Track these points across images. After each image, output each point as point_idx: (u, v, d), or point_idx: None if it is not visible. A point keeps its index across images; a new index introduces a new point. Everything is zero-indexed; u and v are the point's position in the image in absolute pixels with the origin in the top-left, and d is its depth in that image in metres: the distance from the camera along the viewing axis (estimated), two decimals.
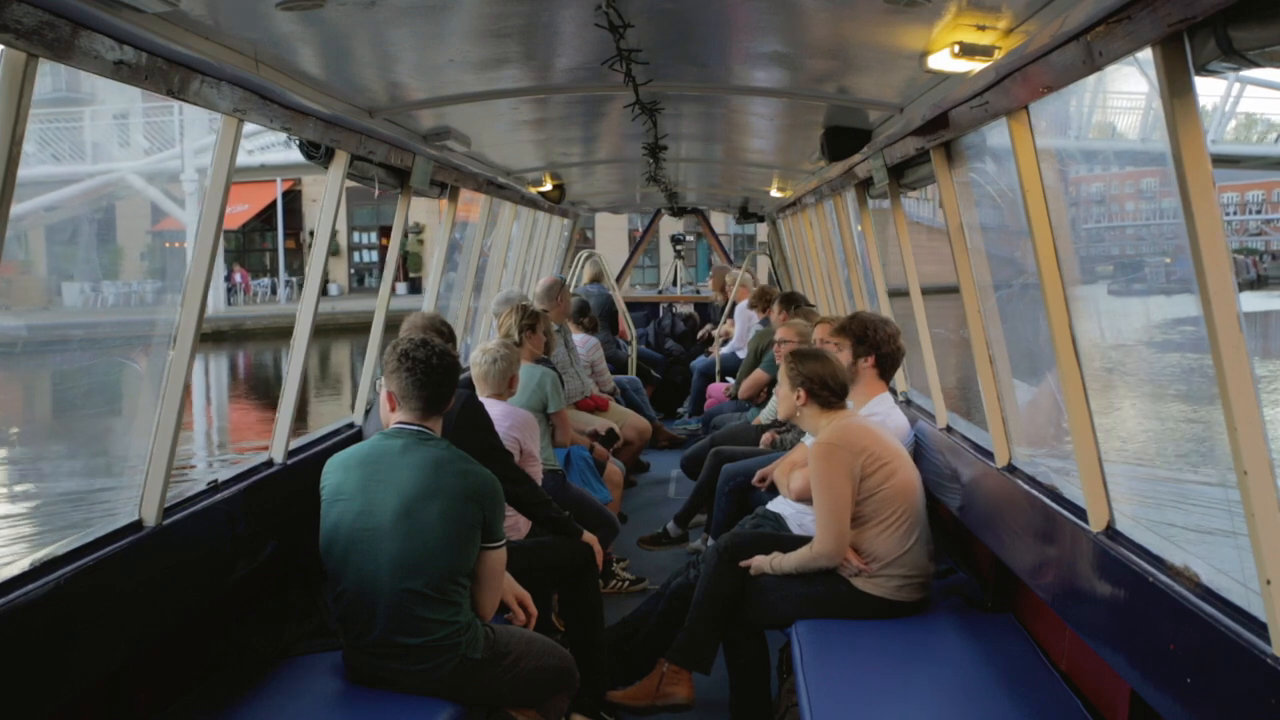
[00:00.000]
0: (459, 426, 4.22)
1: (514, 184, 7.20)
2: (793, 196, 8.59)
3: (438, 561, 3.29)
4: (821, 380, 4.22)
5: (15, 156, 2.37)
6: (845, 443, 4.08)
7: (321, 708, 3.35)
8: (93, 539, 2.98)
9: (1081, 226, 61.37)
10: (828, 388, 4.23)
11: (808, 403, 4.24)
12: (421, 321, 4.68)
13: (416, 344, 3.42)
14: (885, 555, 4.02)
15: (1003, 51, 2.89)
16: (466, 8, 2.96)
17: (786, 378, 4.29)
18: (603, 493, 5.98)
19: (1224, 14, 2.08)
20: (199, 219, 3.50)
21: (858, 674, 3.67)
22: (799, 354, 4.35)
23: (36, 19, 2.24)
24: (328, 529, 3.39)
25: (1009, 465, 4.03)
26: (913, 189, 5.29)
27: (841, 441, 4.08)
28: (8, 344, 24.91)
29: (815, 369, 4.24)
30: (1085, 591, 3.14)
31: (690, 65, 3.91)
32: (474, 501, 3.34)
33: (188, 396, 3.40)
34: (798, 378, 4.24)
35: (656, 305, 12.75)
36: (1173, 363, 20.37)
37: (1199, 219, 2.35)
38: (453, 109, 4.39)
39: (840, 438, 4.10)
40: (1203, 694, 2.47)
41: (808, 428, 4.32)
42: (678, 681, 4.16)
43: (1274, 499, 2.30)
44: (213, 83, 3.02)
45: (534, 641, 3.58)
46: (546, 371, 5.80)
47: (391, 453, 3.36)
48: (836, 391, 4.26)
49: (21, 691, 2.55)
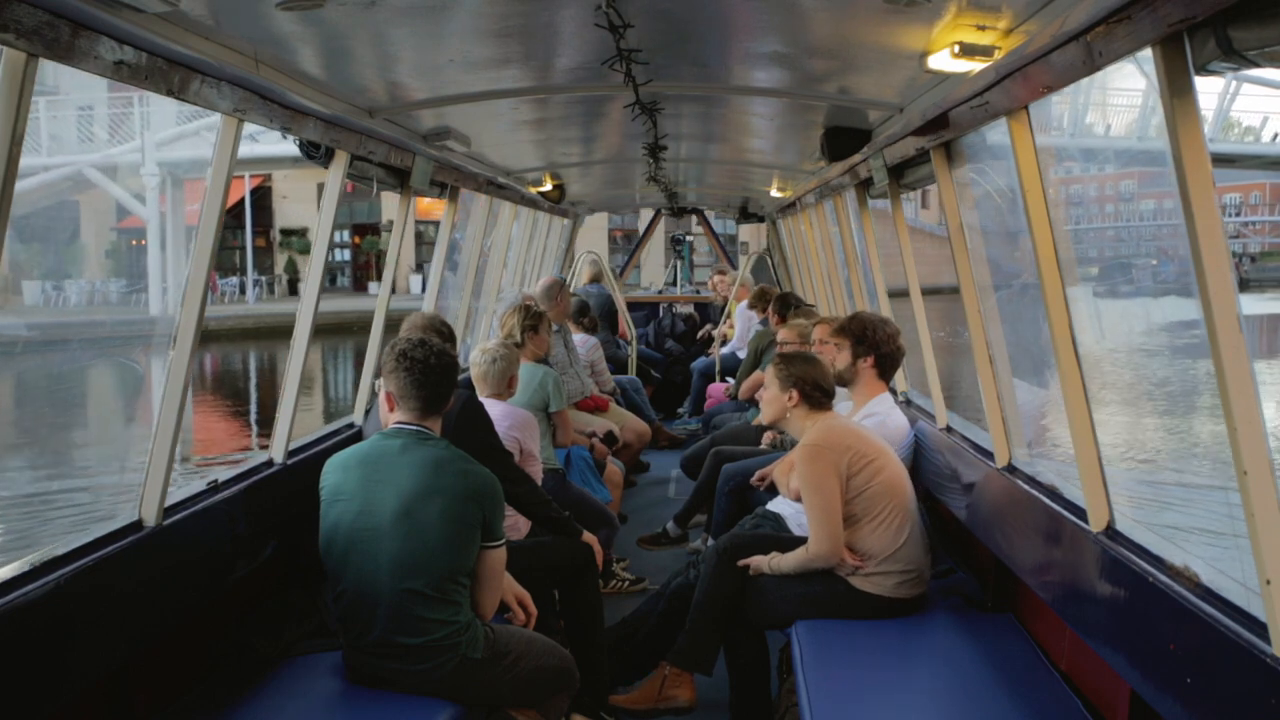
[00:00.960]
0: (459, 426, 4.22)
1: (514, 184, 7.20)
2: (792, 197, 8.59)
3: (438, 561, 3.28)
4: (814, 382, 4.26)
5: (15, 156, 2.37)
6: (830, 443, 4.10)
7: (321, 708, 3.35)
8: (93, 539, 2.98)
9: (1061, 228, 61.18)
10: (819, 389, 4.27)
11: (799, 404, 4.26)
12: (421, 322, 4.68)
13: (415, 343, 3.42)
14: (880, 552, 4.03)
15: (1003, 51, 2.89)
16: (467, 8, 2.96)
17: (776, 380, 4.31)
18: (603, 493, 5.98)
19: (1224, 14, 2.08)
20: (199, 218, 3.49)
21: (857, 674, 3.67)
22: (787, 357, 4.41)
23: (36, 19, 2.24)
24: (327, 529, 3.39)
25: (1009, 465, 4.03)
26: (913, 189, 5.29)
27: (826, 442, 4.11)
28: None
29: (806, 370, 4.28)
30: (1085, 591, 3.14)
31: (690, 65, 3.91)
32: (474, 501, 3.33)
33: (186, 397, 3.39)
34: (789, 379, 4.27)
35: (656, 305, 12.75)
36: (1157, 369, 20.12)
37: (1199, 219, 2.35)
38: (453, 109, 4.39)
39: (824, 438, 4.13)
40: (1203, 694, 2.47)
41: (794, 430, 4.33)
42: (680, 684, 4.16)
43: (1274, 499, 2.30)
44: (213, 83, 3.02)
45: (534, 641, 3.58)
46: (548, 371, 5.81)
47: (391, 452, 3.36)
48: (827, 393, 4.30)
49: (21, 691, 2.55)
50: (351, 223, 40.06)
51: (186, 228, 32.38)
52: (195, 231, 3.46)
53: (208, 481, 3.72)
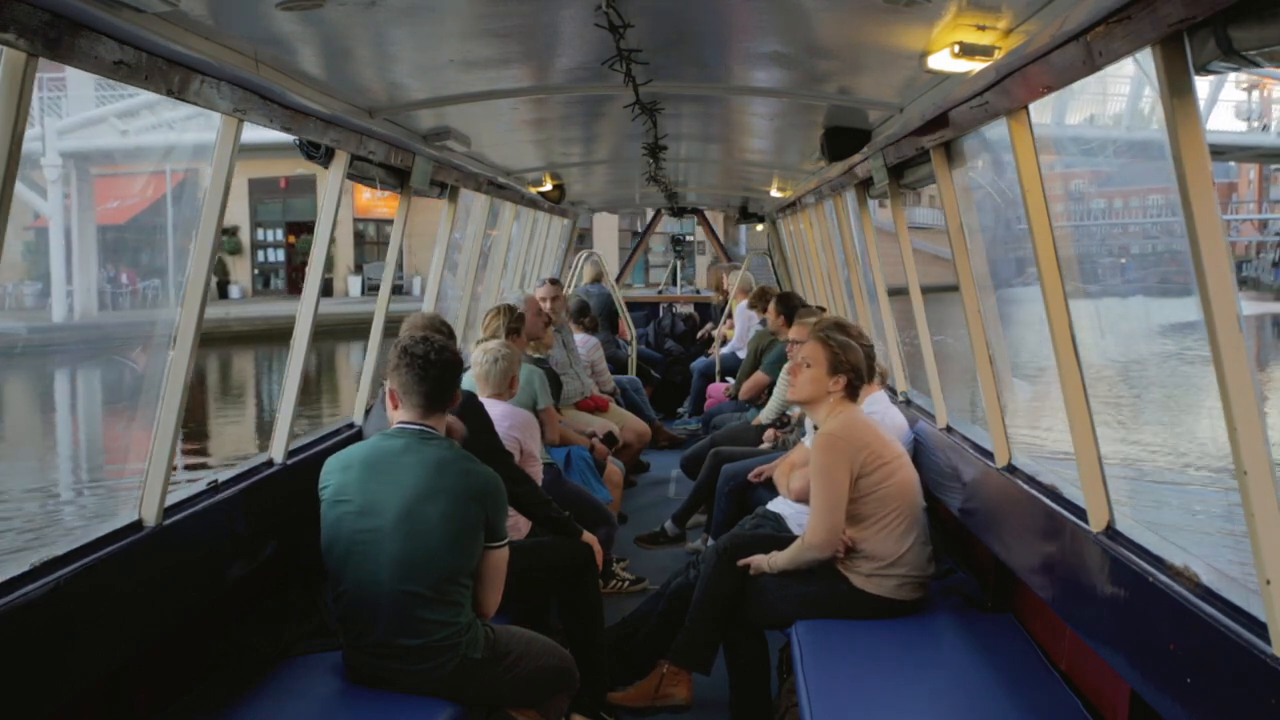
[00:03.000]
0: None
1: (514, 184, 7.21)
2: (793, 196, 8.59)
3: (439, 562, 3.28)
4: (859, 371, 4.19)
5: (15, 156, 2.37)
6: (848, 436, 4.06)
7: (321, 708, 3.35)
8: (93, 539, 2.98)
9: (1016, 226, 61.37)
10: (861, 379, 4.22)
11: (842, 392, 4.17)
12: (422, 322, 4.68)
13: (417, 340, 3.42)
14: (885, 555, 4.02)
15: (1003, 51, 2.89)
16: (467, 8, 2.96)
17: (824, 360, 4.14)
18: (603, 493, 5.98)
19: (1224, 14, 2.08)
20: (199, 218, 3.49)
21: (857, 674, 3.66)
22: (841, 341, 4.23)
23: (36, 19, 2.24)
24: (328, 529, 3.38)
25: (1009, 465, 4.03)
26: (913, 189, 5.30)
27: (845, 434, 4.07)
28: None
29: (857, 359, 4.19)
30: (1085, 591, 3.14)
31: (690, 65, 3.91)
32: (476, 501, 3.33)
33: (183, 398, 3.38)
34: (841, 365, 4.15)
35: (656, 305, 12.75)
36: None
37: (1199, 219, 2.35)
38: (453, 109, 4.39)
39: (844, 431, 4.08)
40: (1203, 694, 2.47)
41: (818, 416, 4.21)
42: (677, 682, 4.16)
43: (1274, 499, 2.30)
44: (213, 83, 3.02)
45: (534, 642, 3.57)
46: (534, 369, 5.80)
47: (392, 453, 3.35)
48: (863, 382, 4.25)
49: (21, 691, 2.55)
50: (285, 220, 37.20)
51: (99, 227, 29.74)
52: (195, 231, 3.46)
53: (208, 482, 3.72)
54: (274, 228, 37.40)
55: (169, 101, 2.94)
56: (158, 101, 22.08)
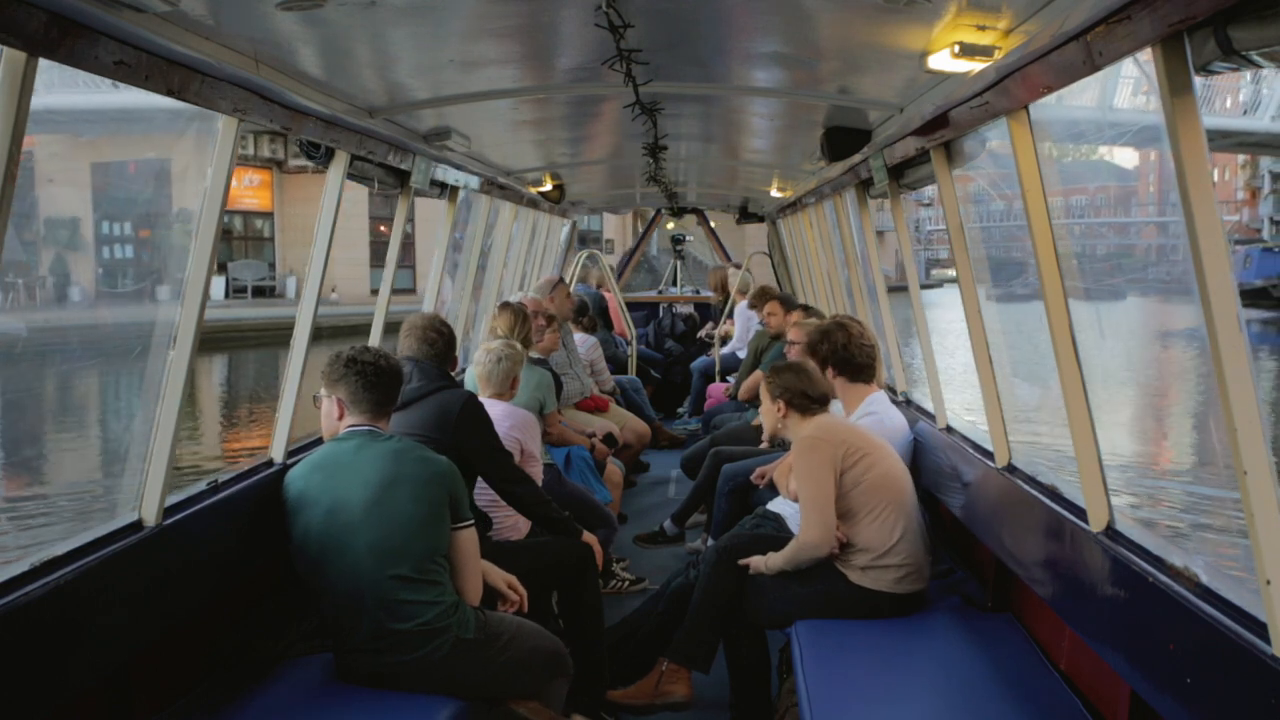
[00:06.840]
0: (459, 426, 4.23)
1: (514, 184, 7.20)
2: (793, 196, 8.59)
3: (416, 542, 3.37)
4: (799, 391, 4.35)
5: (15, 156, 2.37)
6: (826, 435, 4.19)
7: (322, 708, 3.35)
8: (93, 539, 2.98)
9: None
10: (806, 396, 4.35)
11: (788, 413, 4.35)
12: (421, 321, 4.68)
13: (360, 349, 3.60)
14: (877, 546, 4.06)
15: (1003, 51, 2.89)
16: (466, 8, 2.96)
17: (766, 393, 4.42)
18: (603, 493, 5.98)
19: (1224, 14, 2.08)
20: (199, 217, 3.49)
21: (858, 674, 3.67)
22: (775, 369, 4.51)
23: (36, 19, 2.24)
24: (297, 538, 3.47)
25: (1009, 465, 4.03)
26: (913, 189, 5.30)
27: (822, 434, 4.20)
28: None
29: (792, 381, 4.37)
30: (1085, 591, 3.14)
31: (690, 65, 3.91)
32: (436, 484, 3.43)
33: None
34: (776, 389, 4.38)
35: (656, 305, 12.75)
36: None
37: (1199, 219, 2.35)
38: (453, 109, 4.39)
39: (821, 431, 4.23)
40: (1203, 694, 2.47)
41: (792, 436, 4.39)
42: (676, 680, 4.17)
43: (1274, 499, 2.30)
44: (213, 83, 3.02)
45: (524, 625, 3.64)
46: (545, 373, 5.80)
47: (348, 453, 3.47)
48: (815, 399, 4.37)
49: (21, 691, 2.55)
50: (134, 213, 31.53)
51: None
52: (195, 231, 3.46)
53: (208, 482, 3.72)
54: (122, 221, 32.43)
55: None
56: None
